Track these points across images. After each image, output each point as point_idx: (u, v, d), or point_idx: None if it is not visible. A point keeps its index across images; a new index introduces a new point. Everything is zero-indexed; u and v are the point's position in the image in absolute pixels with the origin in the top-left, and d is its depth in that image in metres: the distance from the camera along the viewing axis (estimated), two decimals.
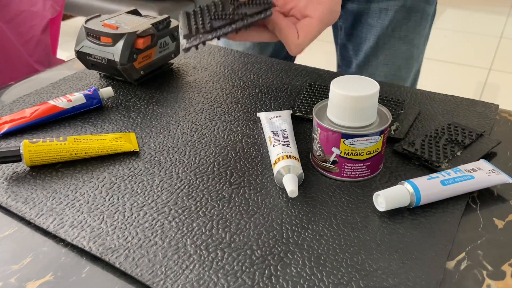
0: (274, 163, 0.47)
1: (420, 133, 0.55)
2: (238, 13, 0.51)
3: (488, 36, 2.95)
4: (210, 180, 0.48)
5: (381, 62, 0.81)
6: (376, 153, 0.47)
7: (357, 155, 0.46)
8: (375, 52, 0.81)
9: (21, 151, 0.48)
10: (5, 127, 0.55)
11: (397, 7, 0.77)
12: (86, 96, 0.59)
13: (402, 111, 0.58)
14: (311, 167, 0.50)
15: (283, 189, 0.46)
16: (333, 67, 0.94)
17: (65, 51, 2.76)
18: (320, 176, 0.48)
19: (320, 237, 0.41)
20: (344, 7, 0.81)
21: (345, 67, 0.88)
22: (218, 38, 0.50)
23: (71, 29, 3.20)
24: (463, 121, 0.57)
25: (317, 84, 0.64)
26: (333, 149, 0.46)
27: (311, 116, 0.57)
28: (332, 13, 0.52)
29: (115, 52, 0.62)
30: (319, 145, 0.48)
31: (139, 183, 0.47)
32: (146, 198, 0.45)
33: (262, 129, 0.56)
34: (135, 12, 0.69)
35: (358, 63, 0.83)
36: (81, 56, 0.65)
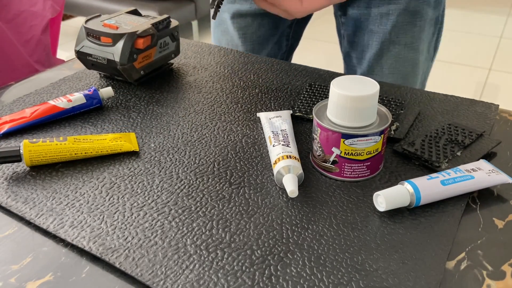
0: (274, 163, 0.47)
1: (420, 133, 0.55)
2: None
3: (488, 36, 2.96)
4: (210, 180, 0.48)
5: (386, 71, 0.79)
6: (376, 153, 0.47)
7: (357, 155, 0.46)
8: (379, 60, 0.78)
9: (21, 151, 0.48)
10: (5, 127, 0.55)
11: (398, 11, 0.74)
12: (86, 96, 0.59)
13: (402, 111, 0.58)
14: (311, 167, 0.50)
15: (283, 189, 0.46)
16: (333, 67, 0.94)
17: (65, 51, 2.76)
18: (320, 176, 0.48)
19: (320, 237, 0.41)
20: (346, 13, 0.79)
21: None
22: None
23: (71, 29, 3.20)
24: (463, 121, 0.57)
25: (317, 84, 0.64)
26: (333, 149, 0.46)
27: (311, 116, 0.57)
28: None
29: (115, 52, 0.62)
30: (319, 145, 0.48)
31: (139, 183, 0.47)
32: (146, 198, 0.45)
33: (262, 129, 0.56)
34: (135, 12, 0.70)
35: (362, 72, 0.82)
36: (81, 56, 0.65)
